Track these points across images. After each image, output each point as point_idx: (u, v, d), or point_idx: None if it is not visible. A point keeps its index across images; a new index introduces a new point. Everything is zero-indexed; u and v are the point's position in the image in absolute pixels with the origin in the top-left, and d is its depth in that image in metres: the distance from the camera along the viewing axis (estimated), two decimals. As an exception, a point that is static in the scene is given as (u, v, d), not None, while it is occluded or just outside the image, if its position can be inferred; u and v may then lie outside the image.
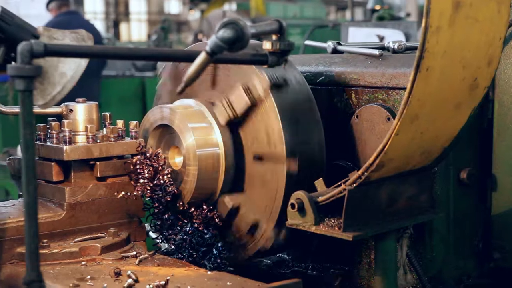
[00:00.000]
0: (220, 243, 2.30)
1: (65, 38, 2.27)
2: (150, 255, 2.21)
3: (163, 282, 1.92)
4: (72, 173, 2.30)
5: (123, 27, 36.05)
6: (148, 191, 2.30)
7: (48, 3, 9.03)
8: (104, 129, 2.42)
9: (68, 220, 2.25)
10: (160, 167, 2.31)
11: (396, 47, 2.58)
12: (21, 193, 2.38)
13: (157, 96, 2.62)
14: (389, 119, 2.30)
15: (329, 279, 2.41)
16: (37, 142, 2.34)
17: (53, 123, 2.32)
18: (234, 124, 2.32)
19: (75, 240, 2.24)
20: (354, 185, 1.99)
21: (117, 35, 31.47)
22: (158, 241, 2.42)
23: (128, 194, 2.30)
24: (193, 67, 1.97)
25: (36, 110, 2.12)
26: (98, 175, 2.31)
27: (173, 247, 2.38)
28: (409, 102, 1.85)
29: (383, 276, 2.16)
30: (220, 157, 2.30)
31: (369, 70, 2.41)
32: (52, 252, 2.15)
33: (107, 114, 2.45)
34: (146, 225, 2.43)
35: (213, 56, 1.96)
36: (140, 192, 2.30)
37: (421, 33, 1.80)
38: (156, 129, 2.39)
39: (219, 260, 2.29)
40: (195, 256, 2.31)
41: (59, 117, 2.39)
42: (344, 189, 1.99)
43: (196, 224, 2.31)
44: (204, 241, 2.30)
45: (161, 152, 2.36)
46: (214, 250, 2.30)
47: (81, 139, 2.33)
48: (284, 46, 2.09)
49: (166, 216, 2.34)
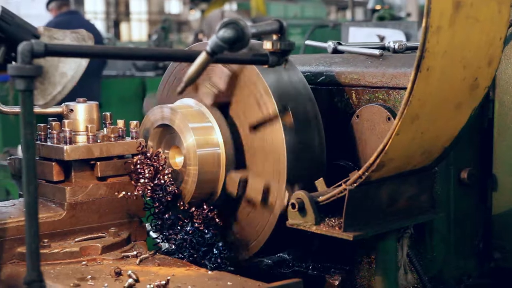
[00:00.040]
0: (221, 243, 2.30)
1: (66, 38, 2.27)
2: (151, 255, 2.21)
3: (163, 282, 1.93)
4: (73, 173, 2.30)
5: (123, 27, 36.04)
6: (149, 191, 2.30)
7: (48, 3, 9.02)
8: (105, 129, 2.42)
9: (69, 220, 2.25)
10: (160, 167, 2.31)
11: (396, 47, 2.57)
12: (21, 193, 2.38)
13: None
14: (389, 119, 2.30)
15: (330, 279, 2.41)
16: (37, 142, 2.34)
17: (53, 123, 2.33)
18: (223, 107, 2.32)
19: (76, 240, 2.24)
20: (355, 185, 1.99)
21: (117, 35, 31.47)
22: (158, 241, 2.42)
23: (129, 194, 2.31)
24: (193, 67, 1.97)
25: (37, 110, 2.12)
26: (99, 175, 2.31)
27: (173, 247, 2.38)
28: (410, 102, 1.85)
29: (383, 276, 2.16)
30: (221, 156, 2.30)
31: (369, 70, 2.41)
32: (52, 252, 2.15)
33: (108, 114, 2.45)
34: (147, 225, 2.43)
35: (214, 56, 1.96)
36: (140, 192, 2.30)
37: (422, 33, 1.80)
38: (156, 129, 2.39)
39: (219, 260, 2.29)
40: (195, 256, 2.31)
41: (59, 117, 2.39)
42: (345, 189, 1.99)
43: (196, 224, 2.31)
44: (205, 241, 2.30)
45: (162, 152, 2.36)
46: (214, 250, 2.30)
47: (81, 139, 2.33)
48: (284, 46, 2.09)
49: (166, 216, 2.34)
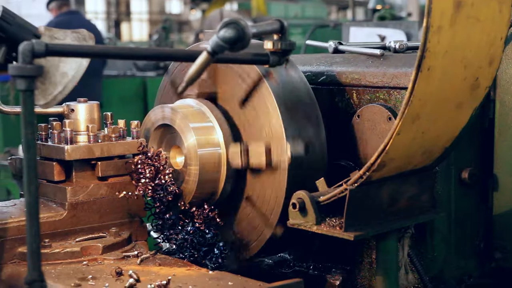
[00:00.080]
0: (222, 243, 2.30)
1: (67, 38, 2.27)
2: (152, 254, 2.21)
3: (164, 282, 1.92)
4: (74, 173, 2.30)
5: (124, 27, 36.05)
6: (150, 191, 2.30)
7: (48, 3, 9.01)
8: (106, 128, 2.42)
9: (70, 220, 2.25)
10: (161, 167, 2.31)
11: (397, 46, 2.57)
12: (22, 192, 2.38)
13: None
14: (390, 118, 2.30)
15: (331, 279, 2.41)
16: (38, 142, 2.34)
17: (54, 123, 2.32)
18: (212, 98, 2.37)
19: (77, 239, 2.24)
20: (356, 184, 1.99)
21: (118, 35, 31.49)
22: (159, 240, 2.42)
23: (130, 193, 2.31)
24: (194, 66, 1.97)
25: (38, 109, 2.12)
26: (100, 174, 2.31)
27: (174, 246, 2.37)
28: (411, 101, 1.85)
29: (384, 276, 2.16)
30: (222, 156, 2.30)
31: (370, 70, 2.41)
32: (53, 251, 2.15)
33: (109, 113, 2.45)
34: (148, 224, 2.43)
35: (214, 56, 1.96)
36: (141, 191, 2.30)
37: (423, 32, 1.79)
38: (157, 128, 2.39)
39: (220, 260, 2.29)
40: (196, 255, 2.31)
41: (60, 116, 2.39)
42: (346, 189, 1.99)
43: (197, 224, 2.31)
44: (206, 241, 2.30)
45: (163, 151, 2.35)
46: (215, 249, 2.30)
47: (82, 138, 2.33)
48: (285, 46, 2.09)
49: (167, 215, 2.34)
